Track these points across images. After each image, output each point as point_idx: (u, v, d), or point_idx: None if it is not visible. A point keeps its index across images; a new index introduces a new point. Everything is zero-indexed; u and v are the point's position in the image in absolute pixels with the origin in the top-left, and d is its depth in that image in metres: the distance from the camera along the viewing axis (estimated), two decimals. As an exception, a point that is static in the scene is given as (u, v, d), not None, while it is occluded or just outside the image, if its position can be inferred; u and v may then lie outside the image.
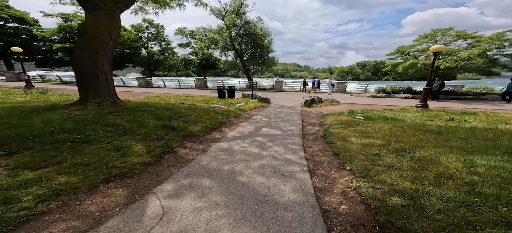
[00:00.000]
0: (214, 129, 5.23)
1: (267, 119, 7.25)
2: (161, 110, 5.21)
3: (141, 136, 3.51)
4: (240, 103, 12.37)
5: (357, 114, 8.85)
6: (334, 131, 5.10)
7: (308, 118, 7.88)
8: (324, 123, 6.58)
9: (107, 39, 5.03)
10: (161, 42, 28.90)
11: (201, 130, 4.73)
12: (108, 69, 5.14)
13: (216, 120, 5.77)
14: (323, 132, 5.26)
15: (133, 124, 3.86)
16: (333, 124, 6.21)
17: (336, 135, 4.68)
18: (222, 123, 5.88)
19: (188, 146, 3.89)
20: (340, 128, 5.32)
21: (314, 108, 10.55)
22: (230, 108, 8.30)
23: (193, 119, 5.24)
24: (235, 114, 7.33)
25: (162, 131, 3.95)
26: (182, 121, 4.89)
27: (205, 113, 6.20)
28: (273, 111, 9.04)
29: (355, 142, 4.01)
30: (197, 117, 5.50)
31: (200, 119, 5.40)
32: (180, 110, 5.73)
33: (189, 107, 6.70)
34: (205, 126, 5.02)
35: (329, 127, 5.65)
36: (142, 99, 11.57)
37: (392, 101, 13.46)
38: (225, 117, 6.47)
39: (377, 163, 2.90)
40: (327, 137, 4.71)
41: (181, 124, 4.63)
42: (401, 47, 15.11)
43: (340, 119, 7.08)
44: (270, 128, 5.91)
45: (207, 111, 6.54)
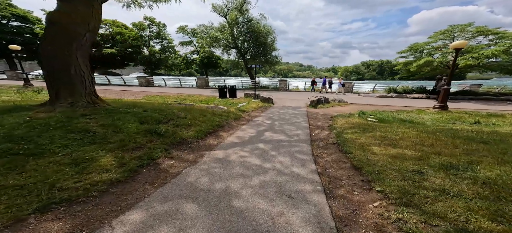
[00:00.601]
0: (210, 134, 4.56)
1: (270, 121, 6.55)
2: (149, 112, 4.57)
3: (115, 145, 2.86)
4: (242, 103, 11.69)
5: (369, 116, 8.07)
6: (348, 136, 4.37)
7: (315, 120, 7.15)
8: (334, 126, 5.84)
9: (83, 30, 4.38)
10: (163, 41, 28.47)
11: (194, 136, 4.07)
12: (85, 65, 4.48)
13: (213, 123, 5.10)
14: (335, 138, 4.53)
15: (108, 129, 3.21)
16: (345, 127, 5.48)
17: (352, 142, 3.95)
18: (220, 126, 5.21)
19: (175, 156, 3.22)
20: (355, 133, 4.58)
21: (321, 109, 9.80)
22: (230, 109, 7.63)
23: (186, 122, 4.58)
24: (235, 116, 6.65)
25: (144, 138, 3.30)
26: (173, 124, 4.24)
27: (201, 115, 5.54)
28: (277, 112, 8.33)
29: (378, 152, 3.28)
30: (191, 119, 4.85)
31: (195, 122, 4.74)
32: (173, 111, 5.09)
33: (184, 108, 6.05)
34: (199, 130, 4.35)
35: (341, 132, 4.91)
36: (139, 99, 11.03)
37: (404, 101, 12.58)
38: (223, 119, 5.80)
39: (421, 185, 2.18)
40: (341, 144, 3.99)
41: (170, 128, 3.98)
42: (415, 45, 14.18)
43: (351, 122, 6.34)
44: (274, 132, 5.21)
45: (204, 113, 5.88)
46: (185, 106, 6.71)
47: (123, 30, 23.82)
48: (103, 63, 24.26)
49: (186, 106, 6.75)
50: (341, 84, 17.15)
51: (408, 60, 14.83)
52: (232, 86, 14.73)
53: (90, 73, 4.69)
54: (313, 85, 20.82)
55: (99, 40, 22.33)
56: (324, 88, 19.26)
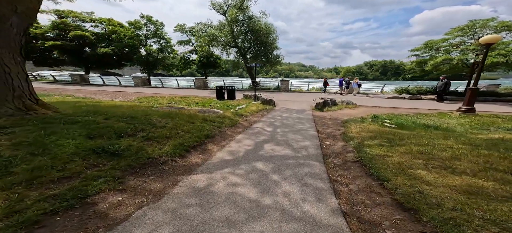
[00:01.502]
0: (195, 148, 3.59)
1: (271, 128, 5.56)
2: (111, 121, 3.60)
3: (21, 177, 1.88)
4: (241, 106, 10.74)
5: (385, 121, 7.05)
6: (373, 151, 3.37)
7: (324, 126, 6.15)
8: (348, 135, 4.84)
9: (8, 12, 3.31)
10: (161, 40, 27.65)
11: (171, 152, 3.10)
12: (13, 59, 3.36)
13: (201, 132, 4.14)
14: (356, 153, 3.54)
15: (23, 150, 2.21)
16: (363, 137, 4.47)
17: (382, 160, 2.96)
18: (210, 136, 4.24)
19: (132, 187, 2.25)
20: (381, 147, 3.58)
21: (328, 112, 8.79)
22: (226, 113, 6.65)
23: (164, 133, 3.61)
24: (231, 122, 5.67)
25: (83, 161, 2.32)
26: (142, 137, 3.26)
27: (188, 122, 4.58)
28: (279, 117, 7.34)
29: (433, 182, 2.28)
30: (171, 129, 3.88)
31: (175, 133, 3.78)
32: (149, 119, 4.12)
33: (168, 113, 5.08)
34: (179, 144, 3.37)
35: (361, 144, 3.92)
36: (121, 101, 10.10)
37: (419, 103, 11.50)
38: (215, 127, 4.83)
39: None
40: (366, 163, 3.00)
41: (136, 143, 3.00)
42: (430, 42, 13.09)
43: (368, 129, 5.34)
44: (276, 144, 4.22)
45: (192, 118, 4.92)
46: (170, 110, 5.74)
47: (119, 28, 23.04)
48: (99, 63, 23.50)
49: (172, 110, 5.78)
50: (357, 84, 15.80)
51: (422, 58, 13.75)
52: (230, 87, 13.81)
53: (24, 70, 3.66)
54: (325, 86, 19.22)
55: (93, 39, 21.58)
56: (341, 89, 17.58)
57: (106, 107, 5.26)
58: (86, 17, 22.62)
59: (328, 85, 19.48)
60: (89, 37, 20.86)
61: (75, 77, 21.49)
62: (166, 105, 6.76)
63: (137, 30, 24.77)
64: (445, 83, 11.68)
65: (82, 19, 22.47)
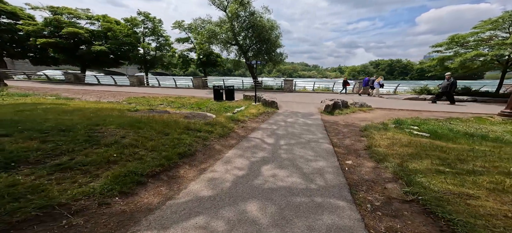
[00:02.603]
0: (156, 176, 2.44)
1: (273, 139, 4.38)
2: (18, 137, 2.46)
3: None
4: (239, 108, 9.59)
5: (412, 127, 5.81)
6: (434, 184, 2.18)
7: (339, 135, 4.94)
8: (376, 149, 3.66)
9: None
10: (159, 38, 26.69)
11: (105, 189, 1.94)
12: None
13: (175, 149, 3.00)
14: (405, 186, 2.34)
15: None
16: (400, 154, 3.29)
17: (463, 205, 1.75)
18: (187, 154, 3.10)
19: None
20: (440, 174, 2.38)
21: (339, 117, 7.57)
22: (219, 118, 5.50)
23: (106, 154, 2.44)
24: (223, 130, 4.52)
25: None
26: (53, 166, 2.05)
27: (160, 133, 3.45)
28: (282, 122, 6.15)
29: None
30: (124, 147, 2.72)
31: (129, 153, 2.64)
32: (96, 130, 2.99)
33: (137, 121, 3.95)
34: (127, 173, 2.21)
35: (404, 168, 2.73)
36: (107, 103, 9.05)
37: (444, 105, 10.12)
38: (200, 139, 3.69)
39: None
40: (434, 208, 1.80)
41: (30, 179, 1.85)
42: (456, 36, 11.63)
43: (400, 141, 4.13)
44: (279, 165, 3.05)
45: (168, 128, 3.79)
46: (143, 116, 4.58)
47: (115, 26, 22.13)
48: (95, 62, 22.67)
49: (149, 116, 4.63)
50: (379, 84, 14.08)
51: (444, 55, 12.32)
52: (229, 87, 12.67)
53: None
54: (345, 87, 17.06)
55: (88, 37, 20.73)
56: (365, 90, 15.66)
57: (58, 112, 4.17)
58: (81, 13, 21.83)
59: (348, 86, 17.29)
60: (83, 34, 20.02)
61: (69, 76, 20.69)
62: (148, 109, 5.65)
63: (134, 28, 23.87)
64: (451, 83, 10.23)
65: (77, 16, 21.66)
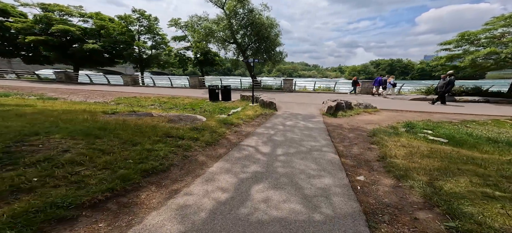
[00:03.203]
0: (105, 203, 1.85)
1: (269, 147, 3.78)
2: None
3: None
4: (236, 109, 9.01)
5: (425, 132, 5.23)
6: (497, 218, 1.57)
7: (345, 141, 4.35)
8: (392, 161, 3.09)
9: None
10: (156, 36, 26.04)
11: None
12: None
13: (139, 165, 2.40)
14: (448, 220, 1.73)
15: None
16: (423, 167, 2.71)
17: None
18: (158, 169, 2.50)
19: None
20: (493, 201, 1.77)
21: (343, 119, 6.98)
22: (209, 122, 4.91)
23: (27, 176, 1.84)
24: (212, 137, 3.92)
25: None
26: None
27: (127, 143, 2.88)
28: (281, 126, 5.55)
29: None
30: (68, 164, 2.12)
31: (68, 172, 2.03)
32: (28, 141, 2.37)
33: (100, 128, 3.33)
34: (48, 206, 1.61)
35: (437, 189, 2.13)
36: (98, 103, 8.42)
37: (455, 107, 9.52)
38: (180, 149, 3.10)
39: None
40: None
41: None
42: (467, 33, 11.03)
43: (418, 149, 3.57)
44: (274, 184, 2.47)
45: (140, 135, 3.20)
46: (110, 120, 3.96)
47: (108, 23, 21.45)
48: (89, 60, 21.97)
49: (127, 118, 4.02)
50: (391, 84, 13.26)
51: (454, 53, 11.72)
52: (225, 87, 12.04)
53: None
54: (354, 87, 16.09)
55: (79, 34, 20.06)
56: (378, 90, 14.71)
57: (7, 116, 3.57)
58: (74, 11, 21.15)
59: (358, 86, 16.24)
60: (74, 32, 19.35)
61: (60, 75, 20.03)
62: (129, 111, 5.02)
63: (129, 26, 23.22)
64: (447, 82, 9.64)
65: (69, 13, 20.97)
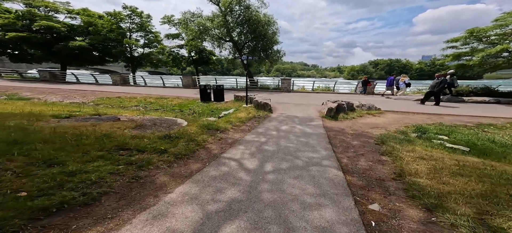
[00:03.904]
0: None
1: (256, 162, 3.07)
2: None
3: None
4: (227, 111, 8.34)
5: (440, 138, 4.59)
6: None
7: (349, 152, 3.67)
8: (416, 182, 2.42)
9: None
10: (149, 34, 25.19)
11: None
12: None
13: (64, 190, 1.67)
14: None
15: None
16: (466, 193, 2.02)
17: None
18: (72, 203, 1.76)
19: None
20: None
21: (345, 122, 6.31)
22: (190, 127, 4.20)
23: None
24: (186, 147, 3.21)
25: None
26: None
27: (46, 160, 2.15)
28: (274, 132, 4.85)
29: None
30: None
31: None
32: None
33: (21, 136, 2.59)
34: None
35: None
36: (69, 104, 7.62)
37: (464, 108, 8.89)
38: (134, 166, 2.36)
39: None
40: None
41: None
42: (476, 29, 10.45)
43: (443, 162, 2.94)
44: (254, 227, 1.76)
45: (78, 145, 2.46)
46: (50, 127, 3.21)
47: (96, 20, 20.56)
48: (77, 59, 21.06)
49: (75, 125, 3.28)
50: (404, 83, 12.37)
51: (461, 51, 11.13)
52: (218, 86, 11.31)
53: None
54: (365, 86, 15.03)
55: (65, 31, 19.16)
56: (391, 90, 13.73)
57: None
58: (60, 7, 20.23)
59: (369, 85, 15.20)
60: (60, 29, 18.47)
61: (45, 74, 19.12)
62: (94, 114, 4.28)
63: (120, 23, 22.37)
64: (441, 81, 9.23)
65: (55, 9, 20.04)
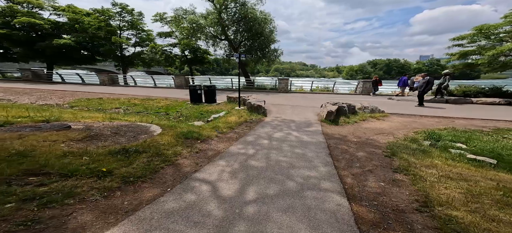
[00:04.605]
0: None
1: (237, 186, 2.41)
2: None
3: None
4: (218, 114, 7.70)
5: (457, 146, 3.98)
6: None
7: (354, 167, 3.04)
8: (450, 216, 1.78)
9: None
10: (141, 33, 24.39)
11: None
12: None
13: None
14: None
15: None
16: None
17: None
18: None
19: None
20: None
21: (347, 127, 5.68)
22: (162, 137, 3.52)
23: None
24: (148, 165, 2.55)
25: None
26: None
27: None
28: (266, 141, 4.19)
29: None
30: None
31: None
32: None
33: None
34: None
35: None
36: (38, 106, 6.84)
37: (475, 110, 8.26)
38: (35, 204, 1.67)
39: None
40: None
41: None
42: (485, 26, 9.92)
43: (479, 185, 2.21)
44: None
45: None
46: None
47: (83, 17, 19.68)
48: (63, 58, 20.17)
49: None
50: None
51: (468, 49, 10.61)
52: (209, 87, 10.60)
53: None
54: (375, 87, 14.09)
55: (49, 28, 18.28)
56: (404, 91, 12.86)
57: None
58: (44, 3, 19.32)
59: (380, 86, 14.28)
60: (43, 26, 17.60)
61: (26, 73, 18.21)
62: (41, 121, 3.55)
63: (110, 20, 21.54)
64: (427, 81, 8.97)
65: (39, 6, 19.12)
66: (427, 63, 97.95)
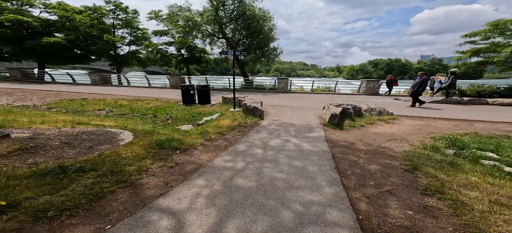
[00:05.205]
0: None
1: (215, 215, 1.81)
2: None
3: None
4: (211, 116, 7.14)
5: (489, 156, 3.35)
6: None
7: (368, 186, 2.37)
8: None
9: None
10: (136, 31, 23.80)
11: None
12: None
13: None
14: None
15: None
16: None
17: None
18: None
19: None
20: None
21: (353, 132, 5.04)
22: (130, 147, 2.92)
23: None
24: (90, 189, 1.97)
25: None
26: None
27: None
28: (260, 150, 3.55)
29: None
30: None
31: None
32: None
33: None
34: None
35: None
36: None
37: (494, 111, 7.59)
38: None
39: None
40: None
41: None
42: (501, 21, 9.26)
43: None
44: None
45: None
46: None
47: (74, 15, 19.07)
48: (54, 56, 19.58)
49: None
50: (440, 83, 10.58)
51: (481, 46, 9.97)
52: (203, 87, 9.95)
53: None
54: (390, 87, 13.29)
55: (39, 26, 17.70)
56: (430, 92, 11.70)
57: None
58: (33, 0, 18.69)
59: (396, 86, 13.48)
60: (31, 23, 17.01)
61: (15, 73, 17.63)
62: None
63: (103, 18, 20.96)
64: (422, 81, 8.50)
65: (29, 4, 18.49)
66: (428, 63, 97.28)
